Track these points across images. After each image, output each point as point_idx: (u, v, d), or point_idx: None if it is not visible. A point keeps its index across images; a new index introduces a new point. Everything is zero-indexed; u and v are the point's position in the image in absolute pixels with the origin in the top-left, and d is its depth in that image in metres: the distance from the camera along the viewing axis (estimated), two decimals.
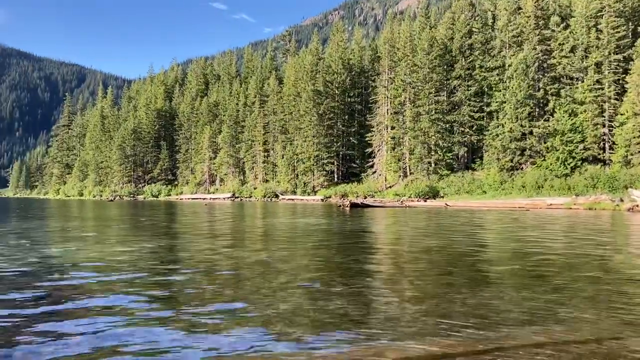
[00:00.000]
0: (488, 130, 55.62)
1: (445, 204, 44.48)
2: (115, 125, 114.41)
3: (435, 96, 60.26)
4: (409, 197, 53.31)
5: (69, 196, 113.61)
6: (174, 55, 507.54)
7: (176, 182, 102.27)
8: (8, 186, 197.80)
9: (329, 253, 10.38)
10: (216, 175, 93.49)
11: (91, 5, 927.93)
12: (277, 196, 72.56)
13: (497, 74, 56.82)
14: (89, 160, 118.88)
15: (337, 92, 74.65)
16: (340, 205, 39.93)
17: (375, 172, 67.94)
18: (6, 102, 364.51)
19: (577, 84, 51.65)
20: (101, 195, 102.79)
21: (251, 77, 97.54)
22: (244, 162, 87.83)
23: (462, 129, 59.31)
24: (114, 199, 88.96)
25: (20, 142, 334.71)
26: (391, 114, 65.10)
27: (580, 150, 48.27)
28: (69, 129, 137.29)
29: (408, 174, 62.22)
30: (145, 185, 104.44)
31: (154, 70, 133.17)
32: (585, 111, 49.26)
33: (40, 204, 55.16)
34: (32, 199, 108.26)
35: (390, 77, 66.18)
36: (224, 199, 77.59)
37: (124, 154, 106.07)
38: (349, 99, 76.31)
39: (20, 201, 76.16)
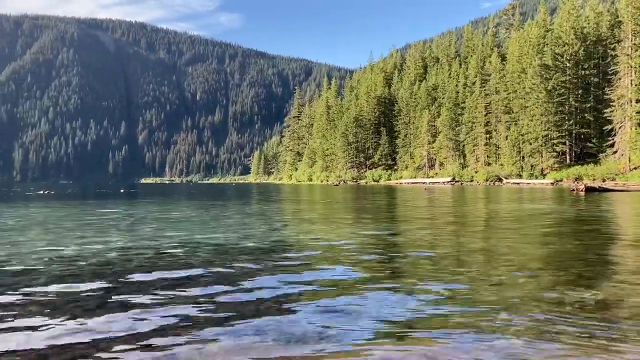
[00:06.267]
0: None
1: None
2: (339, 114, 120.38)
3: None
4: None
5: (299, 181, 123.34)
6: (393, 41, 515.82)
7: (396, 167, 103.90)
8: (249, 173, 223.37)
9: (560, 241, 9.11)
10: (435, 159, 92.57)
11: (315, 3, 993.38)
12: (500, 180, 69.00)
13: None
14: (316, 148, 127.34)
15: (568, 65, 67.83)
16: (573, 190, 36.11)
17: (615, 152, 60.15)
18: (247, 98, 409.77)
19: None
20: (327, 180, 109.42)
21: (471, 56, 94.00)
22: (464, 145, 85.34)
23: None
24: (339, 183, 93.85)
25: (259, 134, 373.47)
26: (635, 85, 56.83)
27: None
28: (299, 119, 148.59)
29: None
30: (366, 170, 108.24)
31: (373, 59, 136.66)
32: None
33: (276, 189, 60.73)
34: (269, 184, 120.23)
35: (634, 44, 57.84)
36: (443, 183, 76.38)
37: (347, 141, 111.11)
38: (582, 72, 68.73)
39: (260, 186, 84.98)
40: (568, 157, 66.72)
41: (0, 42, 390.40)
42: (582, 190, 34.11)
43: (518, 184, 63.00)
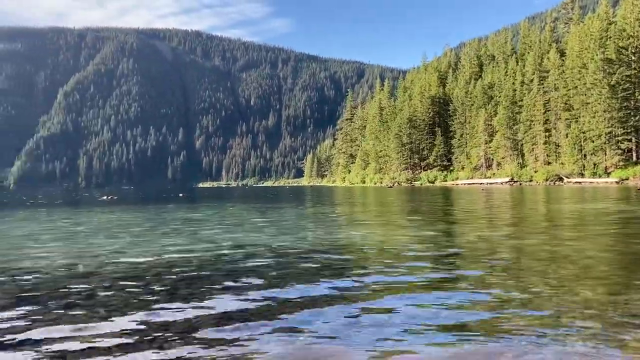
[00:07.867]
0: None
1: None
2: (392, 116, 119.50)
3: None
4: None
5: (352, 183, 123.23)
6: (446, 41, 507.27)
7: (451, 168, 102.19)
8: (303, 176, 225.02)
9: (626, 243, 8.77)
10: (492, 159, 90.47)
11: (366, 5, 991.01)
12: (561, 179, 66.79)
13: None
14: (369, 150, 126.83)
15: (633, 58, 64.94)
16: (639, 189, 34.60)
17: None
18: (299, 101, 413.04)
19: None
20: (381, 182, 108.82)
21: (528, 53, 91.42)
22: (522, 144, 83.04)
23: None
24: (393, 185, 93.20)
25: (311, 137, 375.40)
26: None
27: None
28: (351, 122, 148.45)
29: None
30: (421, 171, 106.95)
31: (427, 58, 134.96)
32: None
33: (330, 191, 60.91)
34: (322, 186, 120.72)
35: None
36: (501, 183, 74.63)
37: (401, 143, 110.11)
38: None
39: (314, 189, 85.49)
40: (634, 155, 63.85)
41: (66, 54, 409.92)
42: None
43: (580, 183, 60.80)
